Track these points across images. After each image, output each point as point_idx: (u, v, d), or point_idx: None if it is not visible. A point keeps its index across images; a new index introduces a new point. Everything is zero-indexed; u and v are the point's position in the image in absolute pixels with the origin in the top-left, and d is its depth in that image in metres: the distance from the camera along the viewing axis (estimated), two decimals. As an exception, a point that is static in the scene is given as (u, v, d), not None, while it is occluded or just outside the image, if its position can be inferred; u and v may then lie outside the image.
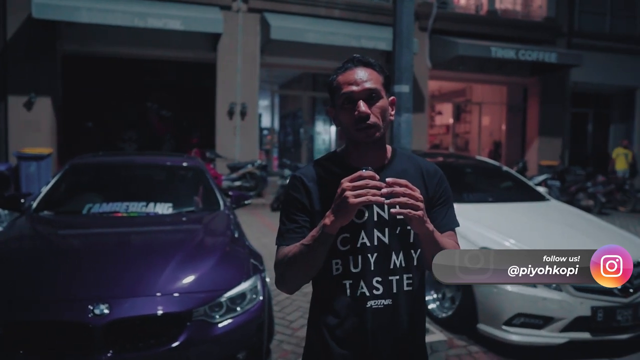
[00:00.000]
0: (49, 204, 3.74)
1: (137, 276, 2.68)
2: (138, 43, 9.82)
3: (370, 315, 1.32)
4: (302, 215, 1.35)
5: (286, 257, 1.30)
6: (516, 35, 12.03)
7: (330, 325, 1.36)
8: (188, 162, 4.66)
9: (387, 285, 1.33)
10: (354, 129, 1.32)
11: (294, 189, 1.38)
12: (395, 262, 1.34)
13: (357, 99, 1.31)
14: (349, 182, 1.18)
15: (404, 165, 1.41)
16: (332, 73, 1.39)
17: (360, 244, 1.33)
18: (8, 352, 2.29)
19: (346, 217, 1.20)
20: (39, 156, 8.45)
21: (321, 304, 1.40)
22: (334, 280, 1.34)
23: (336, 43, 10.06)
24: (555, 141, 13.22)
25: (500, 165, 5.75)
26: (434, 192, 1.41)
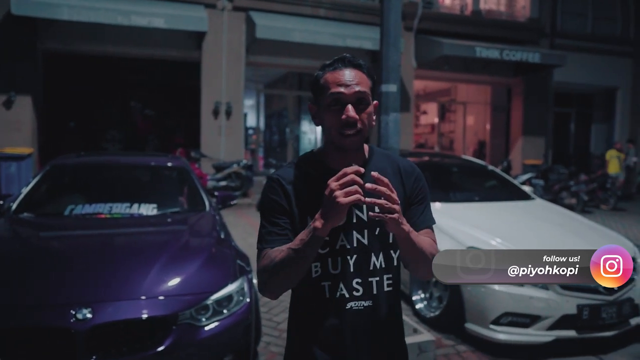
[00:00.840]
0: (29, 205, 3.65)
1: (120, 279, 2.62)
2: (121, 41, 9.67)
3: (350, 316, 1.31)
4: (283, 217, 1.32)
5: (272, 262, 1.25)
6: (500, 36, 12.14)
7: (309, 327, 1.34)
8: (173, 162, 4.59)
9: (367, 286, 1.32)
10: (337, 133, 1.28)
11: (272, 192, 1.35)
12: (375, 263, 1.33)
13: (345, 102, 1.27)
14: (336, 182, 1.16)
15: (382, 164, 1.40)
16: (319, 69, 1.35)
17: (339, 246, 1.31)
18: (-14, 360, 2.22)
19: (338, 218, 1.18)
20: (19, 156, 8.28)
21: (301, 306, 1.38)
22: (313, 283, 1.32)
23: (322, 42, 10.03)
24: (538, 140, 13.37)
25: (485, 164, 5.79)
26: (412, 191, 1.40)
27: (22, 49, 8.99)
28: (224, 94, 10.31)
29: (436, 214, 4.29)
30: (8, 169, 8.16)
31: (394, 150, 3.17)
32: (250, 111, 13.67)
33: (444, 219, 4.14)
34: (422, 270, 1.36)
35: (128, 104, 11.30)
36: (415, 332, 3.25)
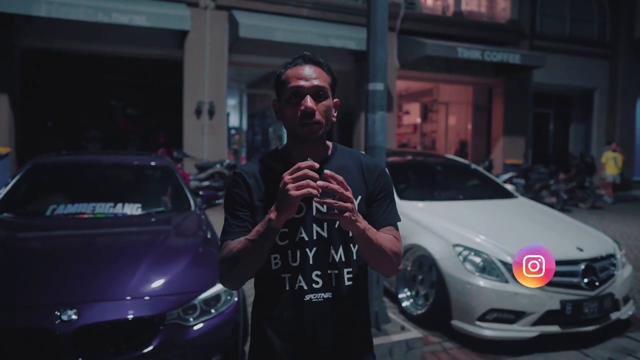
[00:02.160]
0: (9, 205, 3.56)
1: (106, 280, 2.57)
2: (102, 39, 9.50)
3: (309, 308, 1.33)
4: (244, 210, 1.36)
5: (231, 252, 1.29)
6: (481, 37, 12.30)
7: (270, 319, 1.37)
8: (156, 162, 4.53)
9: (326, 279, 1.35)
10: (297, 124, 1.32)
11: (235, 185, 1.39)
12: (334, 257, 1.36)
13: (304, 94, 1.31)
14: (289, 175, 1.19)
15: (345, 160, 1.43)
16: (281, 67, 1.39)
17: (299, 239, 1.34)
18: (-32, 363, 2.16)
19: (290, 211, 1.21)
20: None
21: (262, 298, 1.41)
22: (273, 275, 1.35)
23: (305, 42, 10.00)
24: (519, 140, 13.58)
25: (469, 163, 5.85)
26: (374, 187, 1.43)
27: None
28: (206, 94, 10.21)
29: (422, 213, 4.32)
30: (-16, 169, 7.96)
31: (381, 149, 3.18)
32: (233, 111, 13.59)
33: (429, 217, 4.19)
34: (382, 267, 1.39)
35: (109, 103, 11.11)
36: (403, 330, 3.27)
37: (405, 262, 4.16)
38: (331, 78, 1.39)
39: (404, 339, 3.15)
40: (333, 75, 1.41)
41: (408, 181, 5.11)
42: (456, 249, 3.65)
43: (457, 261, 3.60)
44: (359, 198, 1.39)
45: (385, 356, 3.09)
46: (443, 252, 3.72)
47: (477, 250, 3.59)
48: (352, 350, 1.40)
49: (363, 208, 1.39)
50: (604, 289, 3.60)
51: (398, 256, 1.39)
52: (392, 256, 1.35)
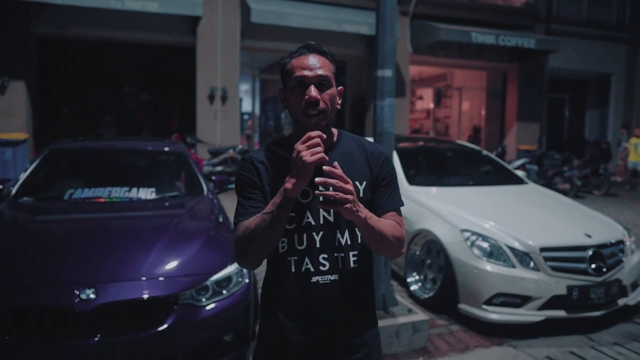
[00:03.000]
0: (28, 190, 3.69)
1: (122, 261, 2.67)
2: (115, 26, 9.58)
3: (316, 289, 1.38)
4: (256, 192, 1.41)
5: (248, 229, 1.32)
6: (496, 21, 12.13)
7: (278, 300, 1.42)
8: (170, 147, 4.62)
9: (333, 261, 1.40)
10: (303, 114, 1.36)
11: (245, 170, 1.43)
12: (340, 240, 1.41)
13: (308, 84, 1.35)
14: (301, 145, 1.24)
15: (349, 147, 1.47)
16: (286, 57, 1.43)
17: (305, 223, 1.39)
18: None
19: (305, 177, 1.25)
20: (15, 142, 8.25)
21: (270, 281, 1.47)
22: (280, 258, 1.40)
23: (318, 27, 9.98)
24: (533, 126, 13.44)
25: (480, 149, 5.84)
26: (378, 173, 1.47)
27: (15, 34, 8.90)
28: (219, 79, 10.27)
29: (431, 198, 4.37)
30: (3, 154, 8.14)
31: (389, 135, 3.22)
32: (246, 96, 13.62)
33: (438, 202, 4.23)
34: (385, 252, 1.44)
35: (123, 89, 11.24)
36: (410, 312, 3.33)
37: (414, 246, 4.22)
38: (335, 66, 1.42)
39: (411, 321, 3.22)
40: (336, 63, 1.44)
41: (418, 167, 5.14)
42: (464, 234, 3.69)
43: (464, 246, 3.64)
44: (363, 183, 1.44)
45: (392, 338, 3.17)
46: (451, 237, 3.77)
47: (485, 235, 3.63)
48: (358, 329, 1.46)
49: (367, 193, 1.44)
50: (611, 275, 3.62)
51: (400, 241, 1.44)
52: (394, 241, 1.40)
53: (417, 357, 3.17)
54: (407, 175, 4.75)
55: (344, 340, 1.43)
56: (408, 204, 4.36)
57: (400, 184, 4.72)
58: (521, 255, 3.50)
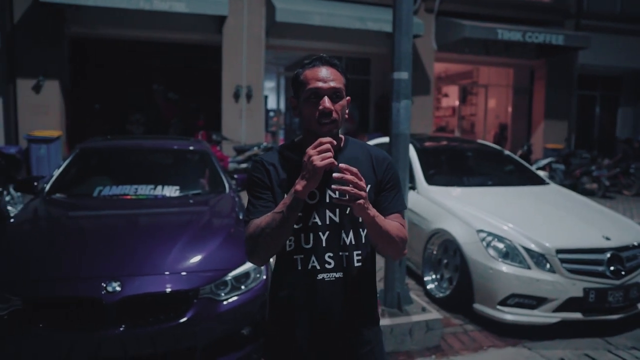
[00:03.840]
0: (60, 186, 3.89)
1: (146, 256, 2.81)
2: (144, 26, 9.84)
3: (322, 286, 1.47)
4: (266, 192, 1.50)
5: (259, 227, 1.41)
6: (523, 17, 11.92)
7: (285, 296, 1.52)
8: (194, 146, 4.77)
9: (338, 260, 1.48)
10: (316, 122, 1.44)
11: (256, 171, 1.52)
12: (345, 240, 1.49)
13: (323, 95, 1.43)
14: (312, 149, 1.33)
15: (355, 152, 1.56)
16: (299, 67, 1.51)
17: (312, 223, 1.47)
18: (28, 326, 2.44)
19: (315, 180, 1.34)
20: (49, 139, 8.59)
21: (277, 278, 1.56)
22: (287, 256, 1.49)
23: (341, 25, 10.03)
24: (561, 124, 13.18)
25: (501, 149, 5.81)
26: (382, 177, 1.55)
27: (49, 35, 9.25)
28: (244, 78, 10.44)
29: (448, 198, 4.41)
30: (38, 151, 8.49)
31: (405, 136, 3.27)
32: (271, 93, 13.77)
33: (455, 202, 4.25)
34: (389, 251, 1.52)
35: (151, 88, 11.52)
36: (424, 311, 3.39)
37: (431, 246, 4.26)
38: (345, 78, 1.51)
39: (424, 320, 3.28)
40: (346, 76, 1.53)
41: (437, 167, 5.16)
42: (480, 235, 3.72)
43: (480, 246, 3.67)
44: (368, 186, 1.51)
45: (405, 335, 3.23)
46: (467, 237, 3.79)
47: (501, 236, 3.65)
48: (361, 325, 1.54)
49: (371, 196, 1.52)
50: (630, 278, 3.59)
51: (404, 241, 1.52)
52: (398, 241, 1.48)
53: (430, 355, 3.23)
54: (426, 175, 4.78)
55: (348, 335, 1.51)
56: (426, 204, 4.45)
57: (418, 183, 4.76)
58: (537, 257, 3.51)
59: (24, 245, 2.97)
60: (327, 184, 1.44)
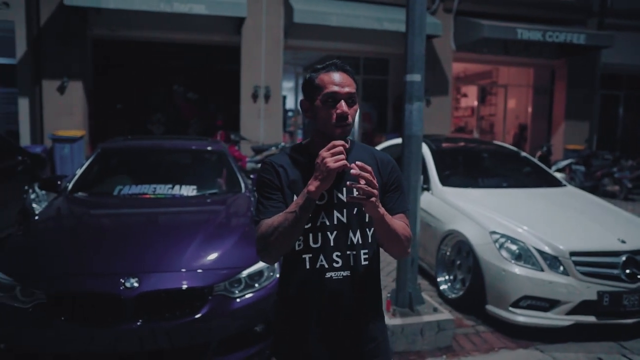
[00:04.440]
0: (82, 185, 4.02)
1: (164, 253, 2.91)
2: (164, 27, 10.03)
3: (329, 284, 1.52)
4: (276, 192, 1.54)
5: (271, 227, 1.45)
6: (544, 16, 11.76)
7: (293, 294, 1.56)
8: (212, 146, 4.86)
9: (345, 259, 1.53)
10: (332, 125, 1.49)
11: (265, 172, 1.57)
12: (352, 239, 1.54)
13: (339, 99, 1.49)
14: (326, 152, 1.38)
15: (361, 155, 1.59)
16: (312, 71, 1.56)
17: (320, 223, 1.52)
18: (51, 319, 2.56)
19: (328, 181, 1.39)
20: (72, 138, 8.83)
21: (286, 276, 1.60)
22: (296, 255, 1.54)
23: (359, 26, 10.05)
24: (582, 125, 12.96)
25: (518, 150, 5.78)
26: (387, 179, 1.60)
27: (73, 37, 9.50)
28: (262, 78, 10.54)
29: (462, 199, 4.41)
30: (62, 150, 8.73)
31: (417, 138, 3.30)
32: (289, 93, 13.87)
33: (469, 204, 4.26)
34: (395, 249, 1.56)
35: (171, 88, 11.72)
36: (436, 311, 3.41)
37: (444, 247, 4.27)
38: (356, 85, 1.56)
39: (435, 320, 3.30)
40: (356, 82, 1.58)
41: (452, 168, 5.16)
42: (493, 236, 3.72)
43: (493, 248, 3.67)
44: None
45: (417, 335, 3.26)
46: (480, 238, 3.80)
47: (514, 238, 3.65)
48: (367, 322, 1.59)
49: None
50: (647, 281, 3.55)
51: (408, 240, 1.56)
52: (403, 240, 1.53)
53: (441, 356, 3.25)
54: (440, 176, 4.79)
55: (355, 332, 1.56)
56: (440, 205, 4.46)
57: (433, 184, 4.79)
58: (550, 259, 3.50)
59: (48, 241, 3.09)
60: (336, 185, 1.49)
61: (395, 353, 3.22)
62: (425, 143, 5.23)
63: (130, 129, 10.23)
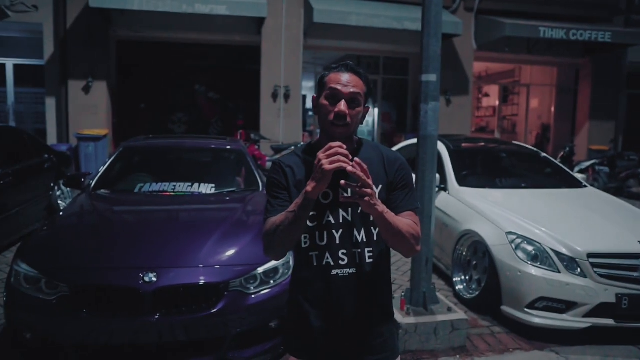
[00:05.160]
0: (105, 182, 4.14)
1: (182, 249, 2.98)
2: (186, 28, 10.19)
3: (335, 281, 1.55)
4: (283, 192, 1.59)
5: (274, 225, 1.50)
6: (568, 14, 11.55)
7: (302, 291, 1.61)
8: (231, 145, 4.95)
9: (351, 256, 1.56)
10: (329, 123, 1.53)
11: (274, 172, 1.62)
12: (357, 237, 1.56)
13: (340, 98, 1.51)
14: (322, 153, 1.40)
15: (369, 153, 1.62)
16: (325, 69, 1.60)
17: (326, 221, 1.55)
18: (74, 310, 2.65)
19: (324, 183, 1.41)
20: (96, 137, 9.06)
21: (295, 273, 1.66)
22: (303, 252, 1.58)
23: (379, 25, 10.05)
24: (607, 125, 12.69)
25: (538, 151, 5.71)
26: (394, 177, 1.61)
27: (98, 38, 9.76)
28: (282, 78, 10.63)
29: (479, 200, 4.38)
30: (87, 149, 8.97)
31: (433, 138, 3.31)
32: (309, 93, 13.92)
33: (486, 204, 4.24)
34: (400, 247, 1.56)
35: (193, 88, 11.89)
36: (450, 311, 3.41)
37: (460, 247, 4.26)
38: (367, 87, 1.58)
39: (449, 320, 3.30)
40: (369, 85, 1.60)
41: (470, 168, 5.13)
42: (509, 237, 3.70)
43: (509, 248, 3.65)
44: (379, 187, 1.59)
45: (430, 335, 3.27)
46: (496, 239, 3.78)
47: (530, 239, 3.62)
48: (374, 318, 1.62)
49: (383, 195, 1.59)
50: (668, 285, 3.48)
51: (416, 238, 1.57)
52: (409, 237, 1.53)
53: (455, 355, 3.25)
54: (457, 176, 4.78)
55: (361, 328, 1.59)
56: (456, 205, 4.45)
57: (450, 184, 4.78)
58: (567, 261, 3.46)
59: (71, 236, 3.21)
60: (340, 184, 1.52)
61: (408, 352, 3.23)
62: (442, 143, 5.22)
63: (152, 128, 10.43)
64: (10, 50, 10.12)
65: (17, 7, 9.22)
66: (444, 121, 11.53)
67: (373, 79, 12.73)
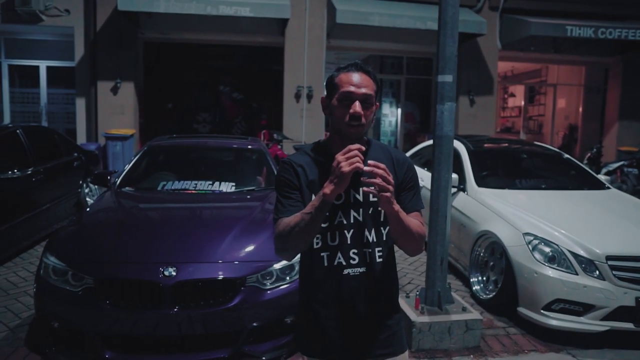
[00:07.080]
0: (130, 180, 4.29)
1: (201, 244, 3.09)
2: (211, 30, 10.38)
3: (347, 280, 1.58)
4: (295, 192, 1.60)
5: (288, 226, 1.50)
6: (596, 12, 11.28)
7: (312, 290, 1.63)
8: (252, 145, 5.05)
9: (362, 256, 1.59)
10: (345, 124, 1.55)
11: (285, 172, 1.63)
12: (368, 237, 1.59)
13: (354, 99, 1.53)
14: (341, 155, 1.41)
15: (378, 154, 1.64)
16: (335, 70, 1.62)
17: (337, 222, 1.58)
18: (98, 302, 2.78)
19: (342, 184, 1.42)
20: (124, 137, 9.33)
21: (306, 273, 1.67)
22: (315, 253, 1.60)
23: (401, 25, 10.03)
24: (637, 126, 12.34)
25: (560, 152, 5.64)
26: (403, 178, 1.64)
27: (126, 40, 10.04)
28: (305, 78, 10.72)
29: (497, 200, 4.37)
30: (114, 148, 9.25)
31: (449, 138, 3.32)
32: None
33: (504, 205, 4.22)
34: (409, 246, 1.60)
35: (217, 89, 12.10)
36: (464, 311, 3.42)
37: (478, 248, 4.25)
38: (377, 86, 1.61)
39: (463, 319, 3.31)
40: (378, 83, 1.63)
41: (490, 169, 5.11)
42: (526, 238, 3.68)
43: (526, 250, 3.63)
44: None
45: (444, 334, 3.29)
46: (513, 239, 3.77)
47: (547, 240, 3.60)
48: (383, 314, 1.66)
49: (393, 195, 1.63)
50: (690, 289, 3.41)
51: (422, 237, 1.61)
52: (417, 237, 1.58)
53: (469, 355, 3.26)
54: (476, 176, 4.76)
55: (371, 324, 1.63)
56: (475, 206, 4.45)
57: (469, 185, 4.77)
58: (585, 263, 3.43)
59: (97, 231, 3.35)
60: (352, 185, 1.53)
61: (422, 350, 3.26)
62: (462, 143, 5.21)
63: (177, 128, 10.66)
64: (43, 53, 10.52)
65: (50, 12, 9.57)
66: (467, 121, 11.49)
67: (396, 79, 12.71)
